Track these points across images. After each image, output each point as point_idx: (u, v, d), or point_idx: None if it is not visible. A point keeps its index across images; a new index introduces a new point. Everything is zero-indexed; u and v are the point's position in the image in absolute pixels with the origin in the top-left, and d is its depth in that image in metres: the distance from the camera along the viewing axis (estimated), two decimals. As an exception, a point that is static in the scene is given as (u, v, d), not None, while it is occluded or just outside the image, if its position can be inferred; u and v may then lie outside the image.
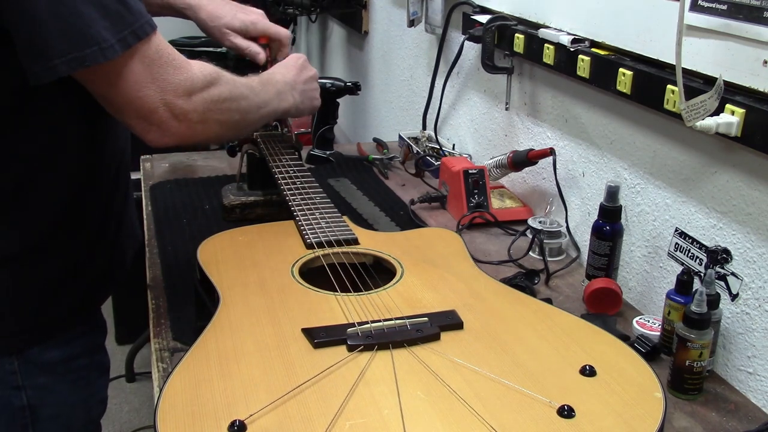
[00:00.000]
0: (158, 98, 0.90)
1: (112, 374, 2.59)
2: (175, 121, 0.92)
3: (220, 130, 1.00)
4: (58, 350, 1.05)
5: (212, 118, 0.97)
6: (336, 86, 1.56)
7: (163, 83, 0.90)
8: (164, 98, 0.90)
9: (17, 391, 1.02)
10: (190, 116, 0.93)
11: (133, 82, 0.88)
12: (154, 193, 1.59)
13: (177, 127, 0.93)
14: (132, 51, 0.86)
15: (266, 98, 1.10)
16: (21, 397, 1.03)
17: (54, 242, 0.99)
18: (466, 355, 0.82)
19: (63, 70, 0.82)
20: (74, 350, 1.07)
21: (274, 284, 0.97)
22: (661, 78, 1.08)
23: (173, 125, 0.92)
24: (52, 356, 1.04)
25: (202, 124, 0.95)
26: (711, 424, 0.95)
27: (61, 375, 1.06)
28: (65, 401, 1.08)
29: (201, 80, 0.94)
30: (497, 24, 1.51)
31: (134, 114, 0.90)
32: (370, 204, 1.56)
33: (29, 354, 1.02)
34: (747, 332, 1.02)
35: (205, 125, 0.96)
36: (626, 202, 1.23)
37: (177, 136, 0.94)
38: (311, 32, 3.57)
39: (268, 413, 0.72)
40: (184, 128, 0.93)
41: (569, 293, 1.25)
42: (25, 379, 1.03)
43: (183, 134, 0.94)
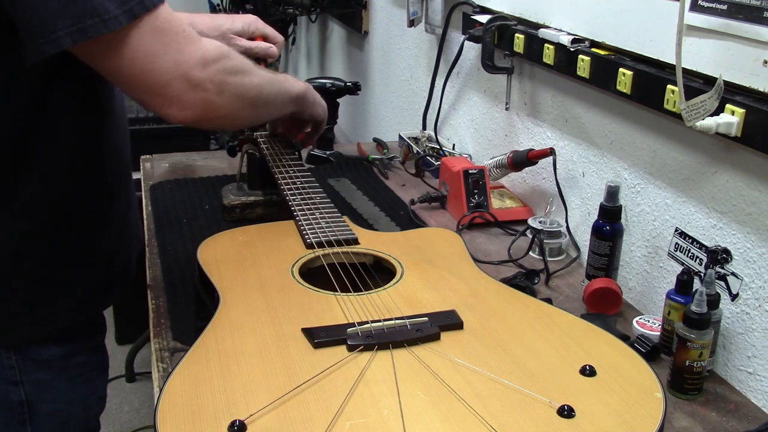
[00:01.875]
0: (172, 70, 0.87)
1: (112, 374, 2.59)
2: (192, 92, 0.89)
3: (239, 105, 0.97)
4: (56, 347, 1.05)
5: (229, 91, 0.94)
6: (336, 86, 1.56)
7: (177, 54, 0.87)
8: (178, 69, 0.88)
9: (15, 386, 1.02)
10: (206, 86, 0.90)
11: (144, 54, 0.85)
12: (154, 193, 1.59)
13: (195, 100, 0.90)
14: (140, 22, 0.84)
15: (275, 78, 1.08)
16: (19, 393, 1.03)
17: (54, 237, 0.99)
18: (466, 355, 0.82)
19: (65, 43, 0.81)
20: (73, 347, 1.07)
21: (274, 284, 0.97)
22: (661, 78, 1.08)
23: (191, 97, 0.89)
24: (51, 353, 1.04)
25: (219, 96, 0.92)
26: (711, 424, 0.95)
27: (59, 371, 1.06)
28: (63, 398, 1.08)
29: (213, 51, 0.92)
30: (497, 24, 1.51)
31: (149, 89, 0.88)
32: (370, 204, 1.56)
33: (28, 350, 1.02)
34: (747, 332, 1.02)
35: (222, 97, 0.93)
36: (626, 202, 1.23)
37: (196, 108, 0.90)
38: (311, 32, 3.57)
39: (268, 413, 0.72)
40: (202, 100, 0.91)
41: (569, 293, 1.25)
42: (24, 375, 1.03)
43: (202, 107, 0.91)
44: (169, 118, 0.91)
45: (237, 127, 1.10)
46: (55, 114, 0.94)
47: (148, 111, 0.93)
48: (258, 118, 1.10)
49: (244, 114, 1.01)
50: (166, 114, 0.90)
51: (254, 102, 1.01)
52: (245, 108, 1.00)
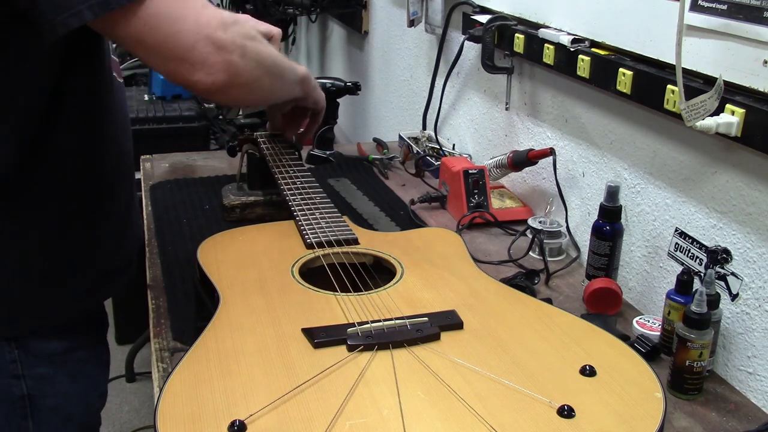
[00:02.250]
0: (196, 32, 0.87)
1: (112, 374, 2.59)
2: (217, 54, 0.88)
3: (258, 71, 0.96)
4: (58, 341, 1.05)
5: (249, 55, 0.93)
6: (336, 86, 1.56)
7: (197, 16, 0.87)
8: (202, 31, 0.87)
9: (17, 380, 1.02)
10: (230, 48, 0.89)
11: (166, 18, 0.85)
12: (154, 193, 1.59)
13: (221, 62, 0.89)
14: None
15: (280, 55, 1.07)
16: (21, 387, 1.03)
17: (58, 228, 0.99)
18: (466, 355, 0.82)
19: (88, 16, 0.81)
20: (74, 342, 1.07)
21: (274, 284, 0.97)
22: (661, 78, 1.08)
23: (217, 59, 0.88)
24: (53, 347, 1.05)
25: (242, 60, 0.91)
26: (711, 424, 0.95)
27: (61, 366, 1.06)
28: (64, 392, 1.08)
29: (228, 15, 0.91)
30: (497, 24, 1.51)
31: (174, 55, 0.87)
32: (370, 204, 1.56)
33: (29, 344, 1.02)
34: (747, 332, 1.02)
35: (245, 61, 0.92)
36: (626, 202, 1.23)
37: (223, 72, 0.89)
38: (311, 32, 3.57)
39: (268, 413, 0.72)
40: (228, 62, 0.89)
41: (569, 293, 1.25)
42: (25, 369, 1.03)
43: (228, 70, 0.90)
44: (197, 85, 0.90)
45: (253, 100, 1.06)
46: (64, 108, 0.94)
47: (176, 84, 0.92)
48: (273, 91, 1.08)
49: (263, 82, 1.00)
50: (194, 81, 0.89)
51: (271, 70, 1.00)
52: (264, 76, 0.99)
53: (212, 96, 0.93)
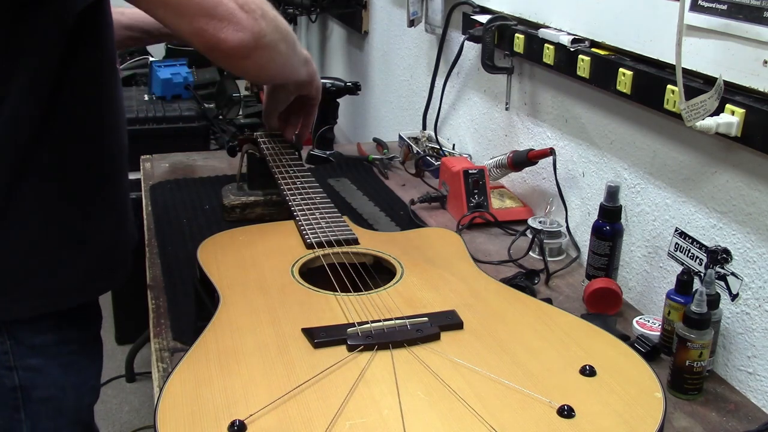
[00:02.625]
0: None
1: (112, 374, 2.60)
2: (242, 11, 0.90)
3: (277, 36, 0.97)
4: (51, 333, 1.06)
5: (269, 17, 0.95)
6: (336, 86, 1.56)
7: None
8: None
9: (9, 371, 1.03)
10: (252, 6, 0.91)
11: None
12: (154, 193, 1.59)
13: (246, 19, 0.91)
14: None
15: None
16: (13, 378, 1.04)
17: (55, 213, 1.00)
18: (466, 355, 0.82)
19: None
20: (67, 335, 1.08)
21: (274, 284, 0.97)
22: (661, 78, 1.08)
23: (243, 16, 0.90)
24: (44, 339, 1.05)
25: (264, 20, 0.93)
26: (711, 424, 0.95)
27: (53, 358, 1.07)
28: (56, 384, 1.09)
29: None
30: (497, 24, 1.51)
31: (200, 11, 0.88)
32: (370, 204, 1.56)
33: (21, 335, 1.03)
34: (747, 332, 1.02)
35: (266, 21, 0.94)
36: (626, 202, 1.23)
37: (249, 30, 0.91)
38: (311, 32, 3.58)
39: (268, 413, 0.72)
40: (254, 21, 0.91)
41: (569, 293, 1.25)
42: (17, 360, 1.03)
43: (254, 28, 0.91)
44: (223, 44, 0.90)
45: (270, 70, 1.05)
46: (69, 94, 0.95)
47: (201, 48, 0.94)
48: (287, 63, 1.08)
49: (281, 48, 1.00)
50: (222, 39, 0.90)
51: (287, 38, 1.01)
52: (281, 41, 1.00)
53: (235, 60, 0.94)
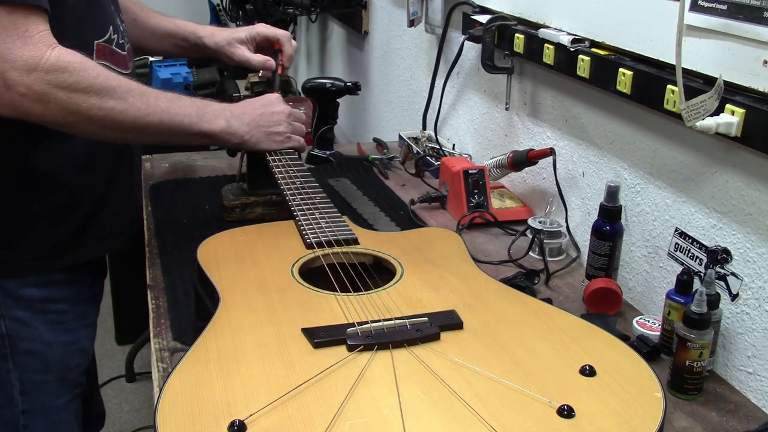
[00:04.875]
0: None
1: (113, 374, 2.60)
2: (5, 91, 0.94)
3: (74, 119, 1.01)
4: (36, 289, 1.13)
5: (58, 103, 0.98)
6: (336, 86, 1.56)
7: (5, 51, 0.93)
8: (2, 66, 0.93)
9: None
10: (21, 90, 0.95)
11: None
12: (154, 193, 1.59)
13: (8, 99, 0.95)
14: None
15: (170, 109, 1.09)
16: (1, 326, 1.12)
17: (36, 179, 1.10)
18: (465, 355, 0.82)
19: None
20: (53, 293, 1.15)
21: (274, 284, 0.97)
22: (661, 78, 1.08)
23: (4, 95, 0.95)
24: (30, 293, 1.13)
25: (40, 105, 0.97)
26: (711, 424, 0.95)
27: (39, 313, 1.14)
28: (41, 339, 1.15)
29: (52, 61, 0.96)
30: (497, 24, 1.51)
31: None
32: (370, 204, 1.56)
33: (8, 286, 1.11)
34: (747, 332, 1.02)
35: (46, 107, 0.97)
36: (626, 202, 1.23)
37: (9, 107, 0.96)
38: (311, 32, 3.57)
39: (268, 413, 0.72)
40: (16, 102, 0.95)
41: (569, 293, 1.25)
42: (3, 309, 1.11)
43: (16, 108, 0.96)
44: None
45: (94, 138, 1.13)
46: None
47: None
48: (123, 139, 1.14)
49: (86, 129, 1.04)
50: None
51: (101, 123, 1.03)
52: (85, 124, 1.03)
53: None
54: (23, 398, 1.16)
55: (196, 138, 1.15)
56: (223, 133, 1.16)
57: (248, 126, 1.20)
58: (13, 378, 1.14)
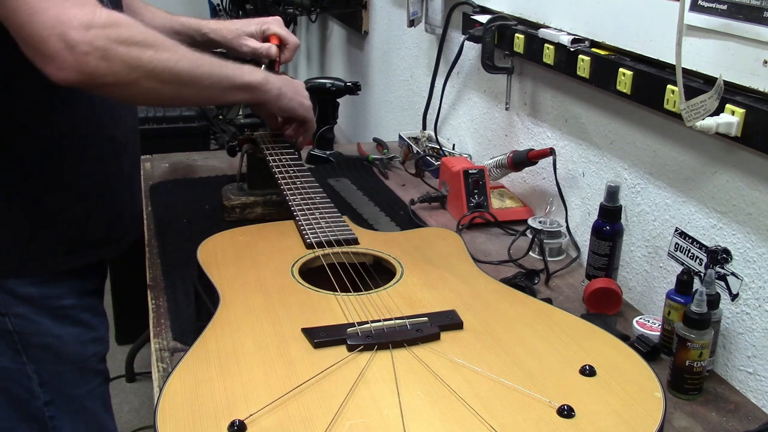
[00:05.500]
0: (51, 27, 0.88)
1: (113, 374, 2.60)
2: (69, 53, 0.90)
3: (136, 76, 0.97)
4: (34, 288, 1.12)
5: (119, 58, 0.94)
6: (336, 86, 1.56)
7: (60, 12, 0.89)
8: (57, 27, 0.88)
9: (2, 317, 1.11)
10: (85, 48, 0.90)
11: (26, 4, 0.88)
12: (154, 193, 1.59)
13: (72, 61, 0.90)
14: None
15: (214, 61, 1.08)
16: (6, 323, 1.11)
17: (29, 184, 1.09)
18: (466, 355, 0.82)
19: None
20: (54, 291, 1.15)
21: (274, 284, 0.97)
22: (661, 78, 1.08)
23: (67, 58, 0.90)
24: (28, 291, 1.12)
25: (104, 62, 0.92)
26: (711, 424, 0.95)
27: (40, 309, 1.14)
28: (50, 333, 1.15)
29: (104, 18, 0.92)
30: (497, 24, 1.51)
31: (28, 43, 0.90)
32: (370, 204, 1.56)
33: (6, 285, 1.11)
34: (747, 332, 1.02)
35: (109, 64, 0.93)
36: (626, 202, 1.23)
37: (74, 70, 0.90)
38: (311, 32, 3.57)
39: (268, 413, 0.72)
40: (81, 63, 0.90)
41: (569, 293, 1.25)
42: (5, 307, 1.11)
43: (81, 69, 0.91)
44: (51, 77, 0.91)
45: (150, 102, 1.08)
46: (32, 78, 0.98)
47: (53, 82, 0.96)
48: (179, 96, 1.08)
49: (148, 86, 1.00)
50: (47, 73, 0.91)
51: (161, 77, 1.00)
52: (147, 80, 0.99)
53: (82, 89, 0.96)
54: (43, 389, 1.16)
55: (240, 91, 1.13)
56: (263, 84, 1.16)
57: (281, 82, 1.20)
58: (30, 371, 1.15)
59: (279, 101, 1.20)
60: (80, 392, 1.21)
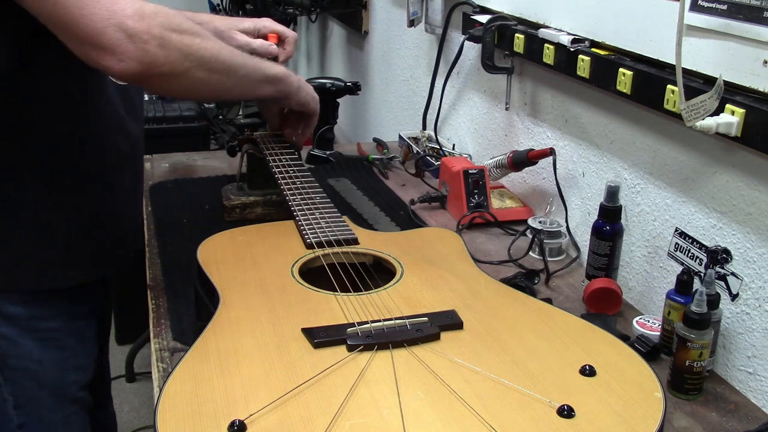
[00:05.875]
0: (106, 17, 0.86)
1: (113, 374, 2.59)
2: (129, 41, 0.87)
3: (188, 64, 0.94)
4: (22, 307, 1.07)
5: (174, 46, 0.92)
6: (336, 86, 1.56)
7: (110, 3, 0.86)
8: (113, 17, 0.86)
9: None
10: (144, 37, 0.88)
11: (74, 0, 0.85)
12: (154, 193, 1.59)
13: (133, 50, 0.87)
14: None
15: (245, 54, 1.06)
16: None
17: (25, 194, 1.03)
18: (465, 355, 0.82)
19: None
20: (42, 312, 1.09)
21: (274, 284, 0.97)
22: (661, 78, 1.08)
23: (128, 47, 0.87)
24: (15, 311, 1.06)
25: (162, 50, 0.90)
26: (711, 424, 0.95)
27: (26, 330, 1.08)
28: (31, 357, 1.09)
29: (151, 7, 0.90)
30: (497, 24, 1.51)
31: (83, 38, 0.86)
32: (370, 204, 1.56)
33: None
34: (747, 332, 1.02)
35: (166, 51, 0.90)
36: (626, 202, 1.23)
37: (135, 60, 0.88)
38: (311, 32, 3.57)
39: (268, 413, 0.72)
40: (142, 51, 0.88)
41: (569, 293, 1.25)
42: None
43: (142, 59, 0.88)
44: (110, 71, 0.89)
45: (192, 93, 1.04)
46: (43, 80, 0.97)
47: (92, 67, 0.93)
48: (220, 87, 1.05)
49: (199, 76, 0.97)
50: (106, 66, 0.88)
51: (209, 65, 0.98)
52: (198, 69, 0.97)
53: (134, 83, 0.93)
54: (17, 412, 1.11)
55: (268, 83, 1.12)
56: (287, 77, 1.15)
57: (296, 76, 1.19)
58: (5, 392, 1.09)
59: (299, 94, 1.19)
60: (56, 418, 1.15)
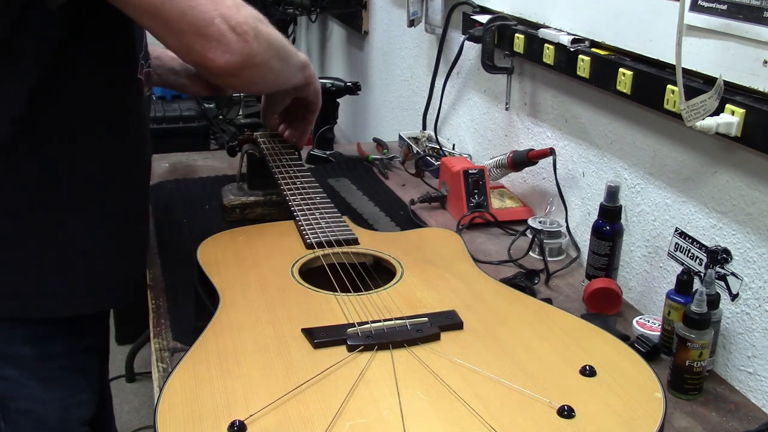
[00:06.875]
0: (213, 9, 0.87)
1: (113, 374, 2.59)
2: (233, 33, 0.88)
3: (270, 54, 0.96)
4: (29, 347, 1.03)
5: (262, 36, 0.93)
6: (336, 86, 1.56)
7: None
8: (218, 8, 0.87)
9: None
10: (244, 28, 0.89)
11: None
12: (154, 193, 1.58)
13: (237, 42, 0.89)
14: None
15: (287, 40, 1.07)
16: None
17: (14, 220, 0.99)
18: (466, 355, 0.82)
19: None
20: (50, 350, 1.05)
21: (274, 284, 0.97)
22: (661, 78, 1.08)
23: (232, 39, 0.88)
24: (22, 351, 1.02)
25: (256, 41, 0.91)
26: (711, 424, 0.95)
27: (32, 371, 1.04)
28: (35, 398, 1.06)
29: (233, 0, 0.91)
30: (497, 24, 1.51)
31: (190, 29, 0.87)
32: (370, 204, 1.56)
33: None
34: (747, 332, 1.02)
35: (258, 42, 0.92)
36: (626, 202, 1.23)
37: (238, 52, 0.89)
38: (311, 32, 3.57)
39: (268, 413, 0.72)
40: (243, 42, 0.89)
41: (569, 293, 1.25)
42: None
43: (243, 50, 0.89)
44: (211, 63, 0.89)
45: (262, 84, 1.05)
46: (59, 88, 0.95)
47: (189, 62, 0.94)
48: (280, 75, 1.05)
49: (273, 65, 0.99)
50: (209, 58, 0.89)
51: (279, 53, 0.99)
52: (274, 58, 0.98)
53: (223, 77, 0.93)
54: None
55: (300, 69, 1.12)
56: (307, 64, 1.15)
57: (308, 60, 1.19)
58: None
59: (316, 82, 1.19)
60: None
